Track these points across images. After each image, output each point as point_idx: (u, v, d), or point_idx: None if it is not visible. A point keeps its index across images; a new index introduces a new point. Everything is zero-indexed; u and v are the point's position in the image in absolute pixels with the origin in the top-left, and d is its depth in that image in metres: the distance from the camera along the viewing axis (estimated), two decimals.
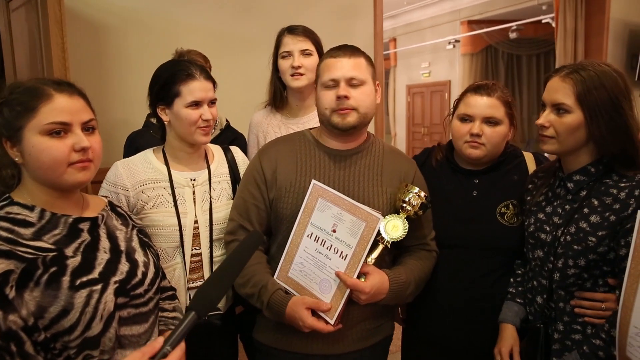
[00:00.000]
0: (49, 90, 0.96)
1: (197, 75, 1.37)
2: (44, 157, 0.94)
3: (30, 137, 0.93)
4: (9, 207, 0.95)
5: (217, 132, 1.98)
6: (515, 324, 1.37)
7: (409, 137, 9.66)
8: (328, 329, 1.23)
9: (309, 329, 1.23)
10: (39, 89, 0.96)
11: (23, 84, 0.97)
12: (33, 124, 0.93)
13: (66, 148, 0.95)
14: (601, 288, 1.20)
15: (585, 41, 4.84)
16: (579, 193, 1.25)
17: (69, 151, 0.95)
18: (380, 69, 3.49)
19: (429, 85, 9.13)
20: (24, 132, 0.93)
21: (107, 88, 2.59)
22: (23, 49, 2.56)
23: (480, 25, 7.93)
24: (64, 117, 0.95)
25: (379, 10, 3.42)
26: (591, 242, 1.17)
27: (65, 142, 0.95)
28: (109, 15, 2.61)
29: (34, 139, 0.93)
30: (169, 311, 1.19)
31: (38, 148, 0.93)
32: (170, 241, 1.39)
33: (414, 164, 1.47)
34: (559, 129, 1.22)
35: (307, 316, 1.22)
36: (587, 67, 1.20)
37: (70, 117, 0.96)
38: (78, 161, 0.96)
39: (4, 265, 0.86)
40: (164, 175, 1.41)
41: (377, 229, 1.21)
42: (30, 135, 0.93)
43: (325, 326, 1.23)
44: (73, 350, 0.91)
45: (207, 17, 2.86)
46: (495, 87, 1.42)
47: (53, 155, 0.94)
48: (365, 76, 1.33)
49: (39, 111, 0.93)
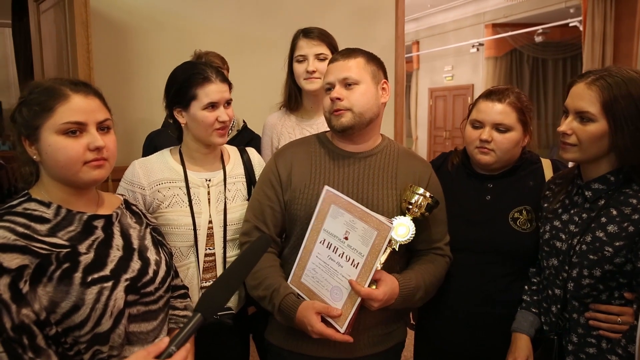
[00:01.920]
0: (66, 91, 0.98)
1: (213, 78, 1.38)
2: (60, 156, 0.96)
3: (47, 136, 0.96)
4: (26, 203, 0.98)
5: (234, 133, 2.00)
6: (530, 335, 1.34)
7: (431, 141, 9.58)
8: (337, 336, 1.20)
9: (317, 335, 1.21)
10: (56, 89, 0.98)
11: (41, 84, 1.00)
12: (50, 123, 0.96)
13: (81, 147, 0.98)
14: (617, 301, 1.17)
15: (614, 45, 4.72)
16: (597, 202, 1.22)
17: (84, 150, 0.98)
18: (401, 73, 3.46)
19: (452, 88, 9.04)
20: (41, 132, 0.96)
21: (130, 88, 2.64)
22: (51, 50, 2.64)
23: (505, 28, 7.82)
24: (79, 117, 0.98)
25: (400, 12, 3.40)
26: (607, 252, 1.14)
27: (81, 141, 0.98)
28: (132, 16, 2.67)
29: (50, 138, 0.96)
30: (180, 309, 1.21)
31: (54, 147, 0.96)
32: (185, 240, 1.40)
33: (429, 167, 1.46)
34: (582, 138, 1.18)
35: (316, 321, 1.21)
36: (614, 73, 1.15)
37: (86, 117, 0.99)
38: (93, 160, 0.99)
39: (19, 260, 0.88)
40: (180, 175, 1.43)
41: (389, 238, 1.19)
42: (47, 135, 0.96)
43: (334, 333, 1.20)
44: (83, 345, 0.94)
45: (226, 19, 2.90)
46: (509, 92, 1.40)
47: (68, 154, 0.97)
48: (360, 76, 1.32)
49: (55, 111, 0.96)
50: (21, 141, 0.99)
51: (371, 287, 1.21)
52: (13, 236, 0.89)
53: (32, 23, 2.89)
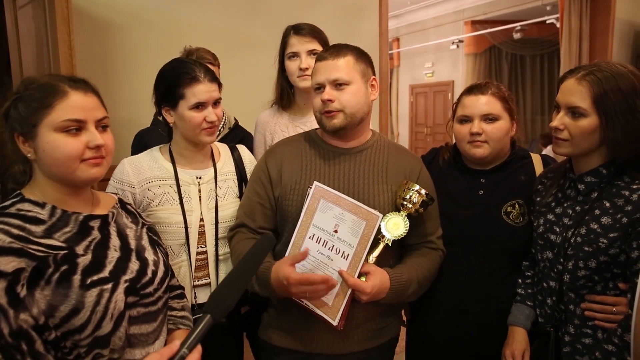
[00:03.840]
0: (65, 87, 0.95)
1: (201, 78, 1.36)
2: (58, 154, 0.94)
3: (45, 133, 0.93)
4: (20, 203, 0.95)
5: (225, 131, 1.98)
6: (526, 327, 1.36)
7: (412, 137, 9.66)
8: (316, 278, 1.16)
9: (296, 283, 1.17)
10: (55, 85, 0.95)
11: (38, 80, 0.97)
12: (48, 120, 0.93)
13: (81, 145, 0.95)
14: (612, 291, 1.19)
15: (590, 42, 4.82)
16: (590, 194, 1.24)
17: (83, 148, 0.95)
18: (385, 68, 3.47)
19: (432, 85, 9.12)
20: (38, 129, 0.93)
21: (114, 86, 2.58)
22: (29, 47, 2.56)
23: (484, 25, 7.92)
24: (79, 115, 0.95)
25: (384, 9, 3.41)
26: (602, 244, 1.16)
27: (80, 139, 0.95)
28: (115, 13, 2.61)
29: (49, 136, 0.93)
30: (178, 310, 1.19)
31: (53, 145, 0.93)
32: (176, 239, 1.39)
33: (420, 161, 1.47)
34: (574, 132, 1.20)
35: (292, 271, 1.19)
36: (603, 68, 1.17)
37: (85, 115, 0.96)
38: (91, 157, 0.97)
39: (15, 263, 0.85)
40: (170, 173, 1.41)
41: (377, 227, 1.22)
42: (45, 132, 0.93)
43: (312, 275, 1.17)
44: (83, 349, 0.91)
45: (213, 16, 2.87)
46: (489, 85, 1.43)
47: (67, 152, 0.94)
48: (350, 76, 1.32)
49: (54, 108, 0.93)
50: (13, 138, 0.96)
51: (361, 280, 1.22)
52: (8, 238, 0.86)
53: (8, 19, 2.80)
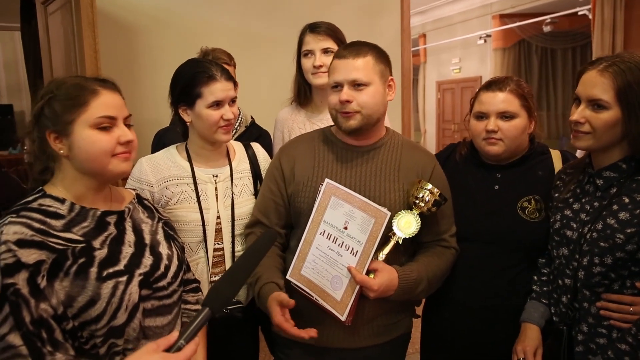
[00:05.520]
0: (96, 86, 1.02)
1: (218, 77, 1.39)
2: (94, 149, 0.99)
3: (81, 130, 0.99)
4: (41, 199, 1.00)
5: (242, 129, 2.01)
6: (540, 325, 1.34)
7: (439, 134, 9.53)
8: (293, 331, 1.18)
9: (277, 326, 1.20)
10: (86, 85, 1.01)
11: (67, 81, 1.02)
12: (84, 117, 0.99)
13: (113, 140, 1.01)
14: (629, 290, 1.16)
15: (624, 33, 4.65)
16: (609, 190, 1.20)
17: (115, 143, 1.01)
18: (408, 66, 3.44)
19: (460, 81, 8.97)
20: (74, 126, 0.99)
21: (137, 87, 2.65)
22: (59, 51, 2.67)
23: (512, 19, 7.73)
24: (111, 112, 1.01)
25: (406, 6, 3.38)
26: (619, 239, 1.13)
27: (112, 135, 1.01)
28: (139, 16, 2.69)
29: (84, 132, 0.99)
30: (192, 304, 1.22)
31: (88, 140, 0.99)
32: (194, 236, 1.42)
33: (433, 159, 1.45)
34: (596, 125, 1.16)
35: (277, 312, 1.20)
36: (626, 59, 1.13)
37: (116, 112, 1.02)
38: (121, 152, 1.02)
39: (36, 255, 0.90)
40: (187, 172, 1.44)
41: (386, 225, 1.22)
42: (81, 129, 0.99)
43: (290, 328, 1.18)
44: (99, 338, 0.96)
45: (234, 16, 2.91)
46: (508, 81, 1.41)
47: (102, 147, 1.00)
48: (370, 77, 1.31)
49: (89, 105, 0.99)
50: (45, 137, 1.01)
51: (369, 277, 1.23)
52: (30, 232, 0.91)
53: (40, 26, 2.93)
